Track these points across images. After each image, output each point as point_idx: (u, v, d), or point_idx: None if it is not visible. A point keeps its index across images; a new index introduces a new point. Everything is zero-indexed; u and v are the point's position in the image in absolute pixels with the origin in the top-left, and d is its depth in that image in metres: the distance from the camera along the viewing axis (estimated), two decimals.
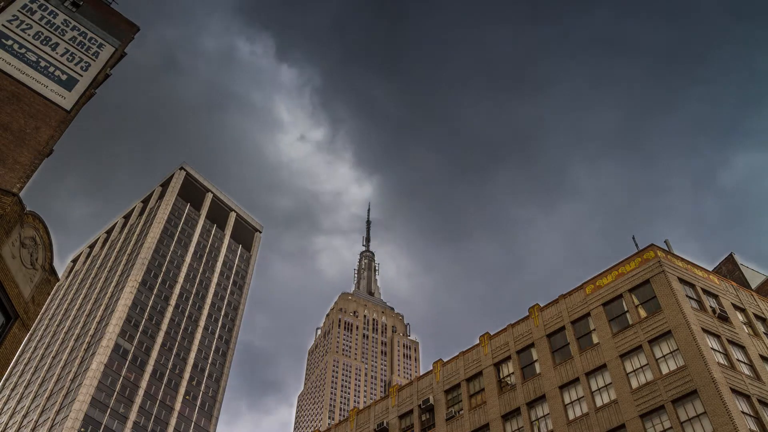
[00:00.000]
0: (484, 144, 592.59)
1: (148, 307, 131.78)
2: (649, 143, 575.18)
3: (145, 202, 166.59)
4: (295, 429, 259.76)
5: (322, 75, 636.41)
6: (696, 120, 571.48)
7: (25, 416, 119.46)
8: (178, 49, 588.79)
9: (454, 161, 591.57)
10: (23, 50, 26.45)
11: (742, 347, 37.47)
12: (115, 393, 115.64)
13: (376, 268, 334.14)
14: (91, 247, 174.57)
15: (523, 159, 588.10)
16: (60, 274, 69.49)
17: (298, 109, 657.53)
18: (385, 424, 48.26)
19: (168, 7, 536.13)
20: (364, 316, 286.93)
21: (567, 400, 38.97)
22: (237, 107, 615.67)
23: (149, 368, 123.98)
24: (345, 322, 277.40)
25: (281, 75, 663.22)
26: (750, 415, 32.61)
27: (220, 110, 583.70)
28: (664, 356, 36.39)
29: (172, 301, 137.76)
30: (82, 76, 27.56)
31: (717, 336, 37.03)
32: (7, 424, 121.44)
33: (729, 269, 55.22)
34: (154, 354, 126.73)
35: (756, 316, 41.58)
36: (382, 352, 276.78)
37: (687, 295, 38.94)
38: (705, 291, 40.38)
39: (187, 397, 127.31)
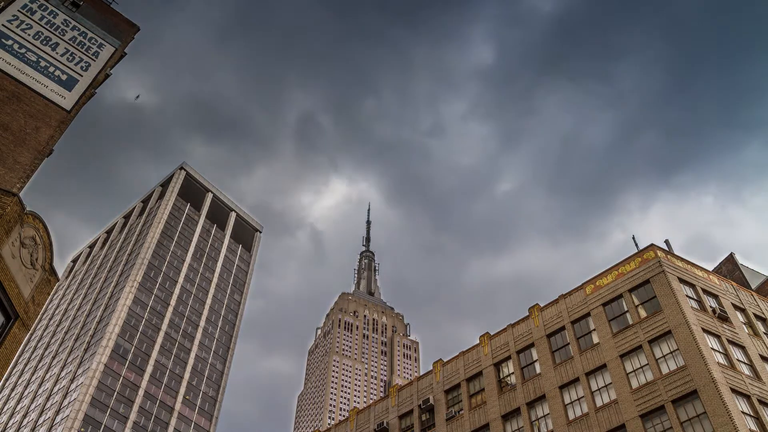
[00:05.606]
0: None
1: (148, 307, 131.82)
2: None
3: (145, 202, 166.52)
4: (295, 429, 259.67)
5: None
6: None
7: (25, 416, 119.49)
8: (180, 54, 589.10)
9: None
10: (23, 50, 26.44)
11: (742, 347, 37.49)
12: (115, 393, 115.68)
13: (376, 268, 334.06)
14: (91, 247, 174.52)
15: None
16: (60, 274, 69.43)
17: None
18: (385, 424, 48.24)
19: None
20: (364, 316, 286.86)
21: (567, 400, 38.97)
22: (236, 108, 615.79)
23: (149, 368, 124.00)
24: (345, 322, 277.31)
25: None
26: (750, 415, 32.62)
27: (218, 111, 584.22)
28: (664, 356, 36.39)
29: (172, 301, 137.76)
30: (82, 76, 27.56)
31: (717, 336, 37.04)
32: (7, 424, 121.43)
33: (729, 269, 55.23)
34: (154, 354, 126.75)
35: (756, 316, 41.59)
36: (382, 352, 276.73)
37: (687, 295, 38.94)
38: (705, 291, 40.38)
39: (187, 397, 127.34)
